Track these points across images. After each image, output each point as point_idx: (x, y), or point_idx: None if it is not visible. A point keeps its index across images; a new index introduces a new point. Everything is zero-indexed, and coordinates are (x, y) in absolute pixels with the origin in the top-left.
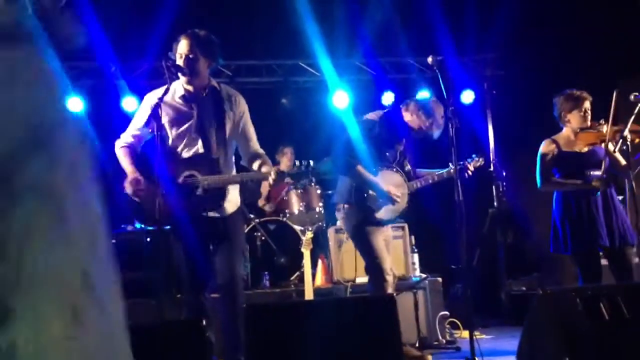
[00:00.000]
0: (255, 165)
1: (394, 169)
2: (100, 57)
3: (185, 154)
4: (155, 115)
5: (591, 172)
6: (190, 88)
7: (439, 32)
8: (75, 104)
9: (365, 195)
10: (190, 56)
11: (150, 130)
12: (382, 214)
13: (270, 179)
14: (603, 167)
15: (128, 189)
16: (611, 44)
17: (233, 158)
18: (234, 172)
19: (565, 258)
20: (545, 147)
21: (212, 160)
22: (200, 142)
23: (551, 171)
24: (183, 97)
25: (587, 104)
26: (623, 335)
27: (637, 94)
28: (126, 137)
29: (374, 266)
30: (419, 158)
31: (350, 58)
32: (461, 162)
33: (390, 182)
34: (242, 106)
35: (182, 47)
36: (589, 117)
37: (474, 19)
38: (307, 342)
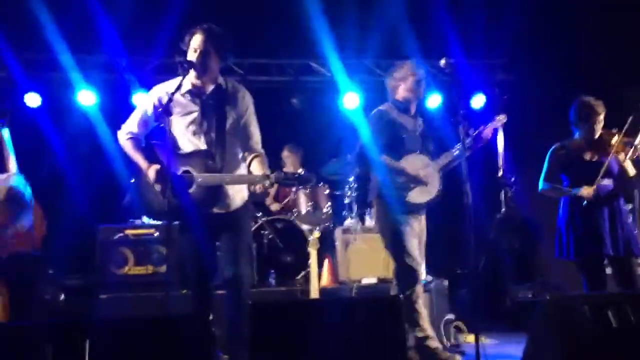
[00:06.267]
0: (248, 164)
1: (417, 152)
2: (111, 52)
3: (186, 150)
4: (165, 109)
5: (601, 181)
6: (197, 83)
7: (451, 35)
8: (88, 97)
9: (394, 183)
10: (204, 52)
11: (158, 124)
12: (417, 197)
13: (257, 188)
14: (603, 171)
15: (152, 178)
16: (621, 50)
17: (238, 154)
18: (239, 169)
19: (571, 265)
20: (554, 151)
21: (208, 157)
22: (202, 139)
23: (559, 177)
24: (189, 92)
25: (599, 117)
26: (630, 344)
27: None
28: (131, 127)
29: (403, 266)
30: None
31: (361, 59)
32: (476, 129)
33: (417, 165)
34: (247, 103)
35: (197, 41)
36: (599, 130)
37: (486, 24)
38: (311, 341)
